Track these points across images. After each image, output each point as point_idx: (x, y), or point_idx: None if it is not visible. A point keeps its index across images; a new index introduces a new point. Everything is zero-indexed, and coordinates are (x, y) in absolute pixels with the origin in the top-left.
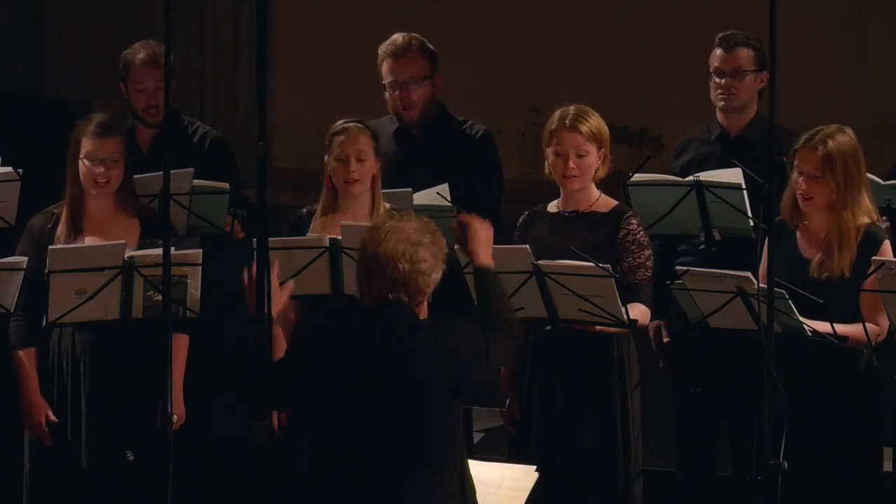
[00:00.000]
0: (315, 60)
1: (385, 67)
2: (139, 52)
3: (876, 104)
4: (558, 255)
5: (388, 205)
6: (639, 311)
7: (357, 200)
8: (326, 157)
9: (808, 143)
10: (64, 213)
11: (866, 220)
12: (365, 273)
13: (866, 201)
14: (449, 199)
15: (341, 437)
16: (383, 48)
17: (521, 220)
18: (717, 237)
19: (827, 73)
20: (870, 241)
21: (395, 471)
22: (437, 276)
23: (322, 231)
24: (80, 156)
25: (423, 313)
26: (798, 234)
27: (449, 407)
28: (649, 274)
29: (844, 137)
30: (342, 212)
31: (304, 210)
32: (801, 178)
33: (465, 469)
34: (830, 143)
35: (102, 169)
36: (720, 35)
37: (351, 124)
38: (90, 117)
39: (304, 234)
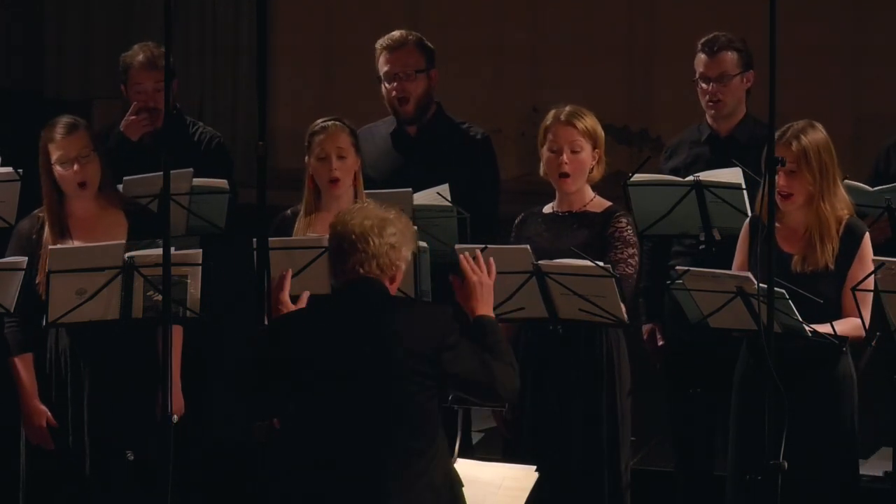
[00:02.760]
0: (315, 61)
1: (381, 60)
2: (137, 55)
3: (875, 104)
4: (551, 253)
5: (371, 201)
6: None
7: (340, 198)
8: (307, 157)
9: (781, 139)
10: (46, 220)
11: (846, 212)
12: (337, 252)
13: (843, 193)
14: (449, 199)
15: (317, 415)
16: (380, 42)
17: (516, 221)
18: (718, 237)
19: (826, 73)
20: (851, 234)
21: (369, 446)
22: (406, 252)
23: (307, 231)
24: (52, 162)
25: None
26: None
27: (423, 382)
28: (630, 271)
29: (816, 131)
30: (326, 210)
31: (289, 211)
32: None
33: (444, 451)
34: (804, 137)
35: (77, 167)
36: (703, 40)
37: (330, 122)
38: (51, 122)
39: (290, 236)
